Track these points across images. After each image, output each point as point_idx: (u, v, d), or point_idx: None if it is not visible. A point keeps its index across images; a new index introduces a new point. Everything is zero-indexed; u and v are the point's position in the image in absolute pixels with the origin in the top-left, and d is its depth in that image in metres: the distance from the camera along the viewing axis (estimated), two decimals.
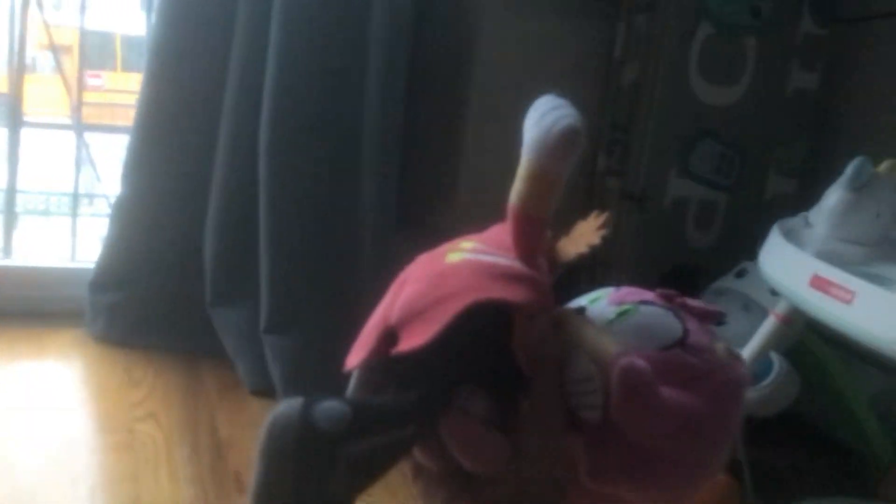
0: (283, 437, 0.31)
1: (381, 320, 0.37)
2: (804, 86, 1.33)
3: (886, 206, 0.85)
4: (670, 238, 1.30)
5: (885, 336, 0.60)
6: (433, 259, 0.39)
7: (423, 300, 0.35)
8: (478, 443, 0.34)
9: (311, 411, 0.32)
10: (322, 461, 0.32)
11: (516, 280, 0.35)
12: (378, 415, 0.34)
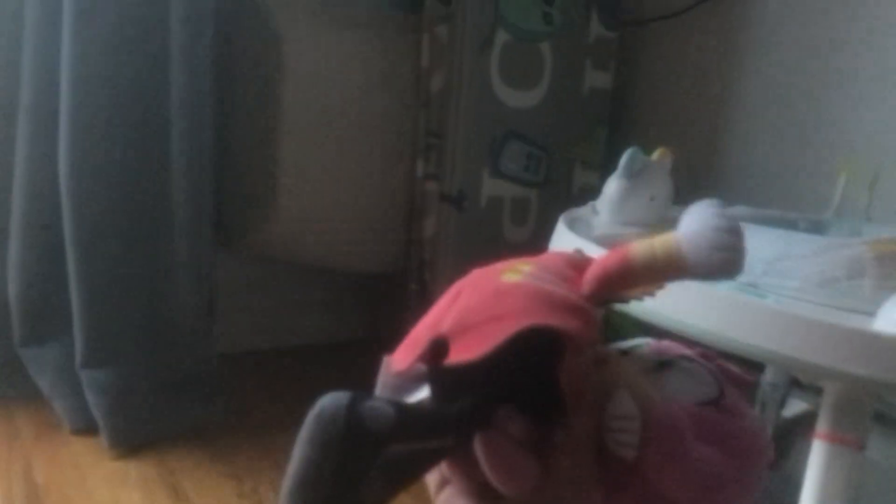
0: (331, 427, 0.31)
1: (432, 328, 0.36)
2: (599, 85, 1.43)
3: (659, 190, 0.94)
4: (490, 235, 1.36)
5: (638, 305, 0.67)
6: (489, 275, 0.38)
7: (477, 315, 0.35)
8: (510, 462, 0.34)
9: (358, 407, 0.31)
10: (362, 459, 0.31)
11: (571, 311, 0.35)
12: (420, 421, 0.34)
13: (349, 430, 0.31)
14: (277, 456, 1.18)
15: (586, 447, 0.35)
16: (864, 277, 0.66)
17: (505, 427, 0.34)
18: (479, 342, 0.33)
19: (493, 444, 0.33)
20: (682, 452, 0.34)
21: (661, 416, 0.34)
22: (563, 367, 0.34)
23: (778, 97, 1.27)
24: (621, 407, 0.35)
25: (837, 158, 1.13)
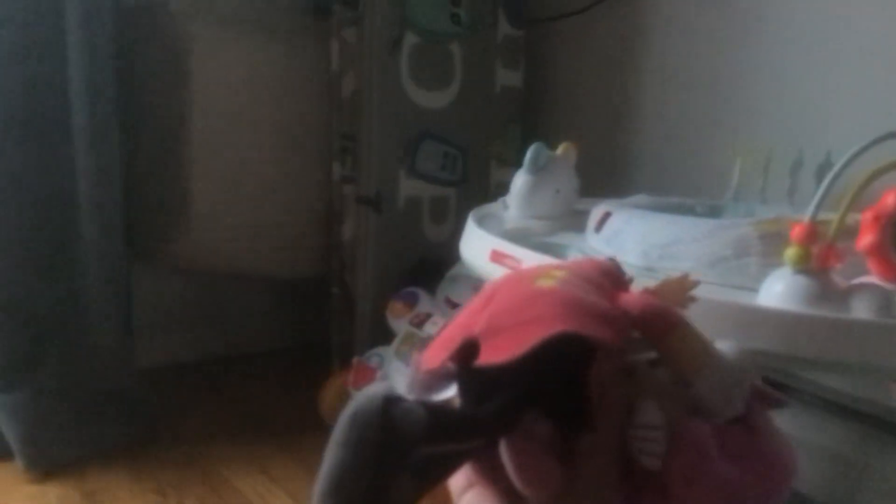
0: (366, 430, 0.30)
1: (464, 329, 0.36)
2: (510, 83, 1.46)
3: (564, 183, 0.97)
4: (410, 235, 1.38)
5: None
6: (522, 279, 0.38)
7: (509, 318, 0.35)
8: (534, 467, 0.34)
9: (391, 409, 0.31)
10: (395, 461, 0.31)
11: (602, 319, 0.35)
12: (451, 424, 0.34)
13: (383, 433, 0.31)
14: (204, 467, 1.17)
15: (610, 456, 0.35)
16: (751, 256, 0.70)
17: (531, 431, 0.34)
18: (510, 345, 0.33)
19: (519, 448, 0.34)
20: (705, 467, 0.35)
21: (687, 430, 0.35)
22: (592, 373, 0.34)
23: (676, 88, 1.33)
24: (647, 416, 0.35)
25: (733, 143, 1.18)
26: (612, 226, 0.81)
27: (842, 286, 0.60)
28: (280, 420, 1.34)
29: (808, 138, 1.07)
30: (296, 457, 1.21)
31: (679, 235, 0.74)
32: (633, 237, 0.77)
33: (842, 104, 1.10)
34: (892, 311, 0.58)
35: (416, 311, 1.25)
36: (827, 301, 0.58)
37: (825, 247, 0.60)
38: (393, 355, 1.22)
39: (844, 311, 0.59)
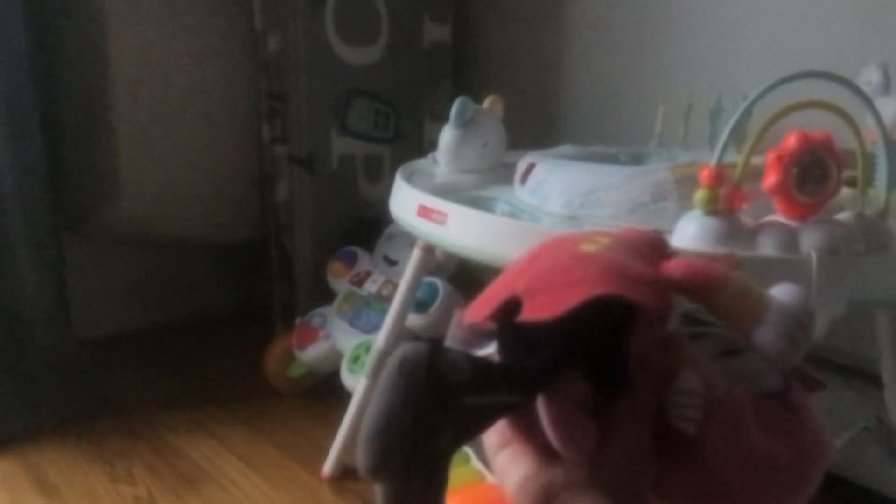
0: (413, 377, 0.31)
1: (507, 287, 0.36)
2: (438, 38, 1.46)
3: (491, 136, 0.98)
4: (345, 195, 1.38)
5: (472, 246, 0.71)
6: (567, 243, 0.39)
7: (553, 278, 0.35)
8: (570, 424, 0.34)
9: (438, 357, 0.32)
10: (439, 409, 0.32)
11: (645, 285, 0.35)
12: (494, 376, 0.34)
13: (430, 380, 0.31)
14: (150, 435, 1.18)
15: (646, 420, 0.36)
16: (668, 200, 0.73)
17: (568, 390, 0.35)
18: (552, 303, 0.33)
19: (556, 405, 0.34)
20: (740, 436, 0.35)
21: (724, 399, 0.35)
22: (632, 337, 0.35)
23: (602, 39, 1.34)
24: (687, 382, 0.35)
25: (656, 91, 1.20)
26: (536, 177, 0.83)
27: (749, 225, 0.63)
28: (226, 384, 1.35)
29: (727, 83, 1.10)
30: (243, 419, 1.22)
31: (599, 183, 0.76)
32: (556, 187, 0.79)
33: (759, 49, 1.13)
34: (795, 247, 0.62)
35: (356, 270, 1.26)
36: (734, 240, 0.61)
37: (732, 189, 0.62)
38: (334, 314, 1.23)
39: (751, 249, 0.62)
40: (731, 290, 0.36)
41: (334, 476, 1.07)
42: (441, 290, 1.10)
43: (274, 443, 1.16)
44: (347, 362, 1.13)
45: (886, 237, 0.66)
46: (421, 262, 0.96)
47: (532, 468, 0.36)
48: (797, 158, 0.61)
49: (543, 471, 0.36)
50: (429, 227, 0.76)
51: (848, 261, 0.61)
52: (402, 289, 0.98)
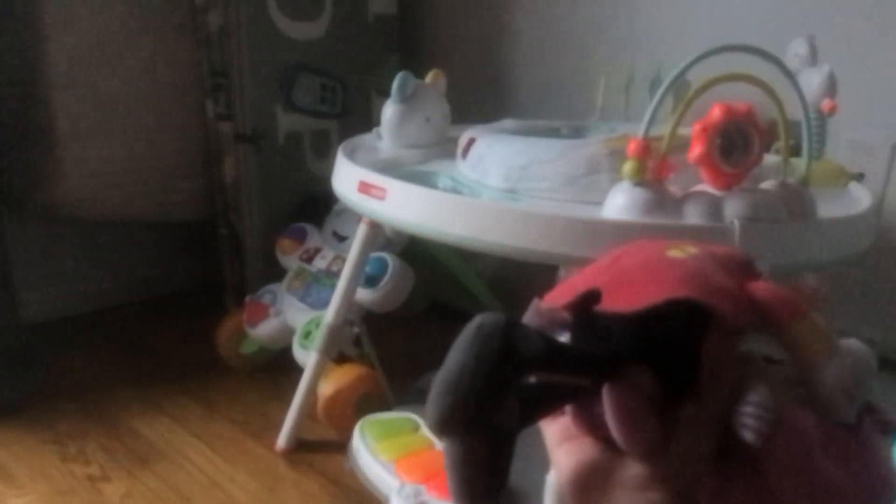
0: (489, 341, 0.31)
1: (588, 281, 0.36)
2: (384, 11, 1.46)
3: (434, 111, 0.99)
4: (293, 171, 1.38)
5: (411, 221, 0.73)
6: (653, 247, 0.39)
7: (637, 276, 0.36)
8: (634, 416, 0.34)
9: (513, 329, 0.32)
10: (508, 377, 0.32)
11: (727, 296, 0.35)
12: (565, 357, 0.35)
13: (503, 347, 0.32)
14: (103, 415, 1.17)
15: (710, 430, 0.35)
16: (601, 172, 0.75)
17: (636, 384, 0.35)
18: (633, 298, 0.34)
19: (622, 395, 0.34)
20: (806, 457, 0.34)
21: (793, 417, 0.35)
22: (707, 344, 0.35)
23: (544, 14, 1.35)
24: (759, 395, 0.35)
25: (598, 64, 1.22)
26: (476, 151, 0.84)
27: (675, 195, 0.66)
28: (178, 362, 1.35)
29: (667, 56, 1.12)
30: (196, 397, 1.23)
31: (536, 157, 0.78)
32: (496, 161, 0.81)
33: (697, 22, 1.16)
34: (719, 215, 0.64)
35: (305, 247, 1.26)
36: (662, 209, 0.64)
37: (659, 160, 0.65)
38: (285, 291, 1.23)
39: (678, 218, 0.64)
40: (808, 324, 0.37)
41: (288, 449, 1.08)
42: (391, 265, 1.11)
43: (228, 419, 1.17)
44: (299, 338, 1.14)
45: (807, 204, 0.69)
46: (367, 237, 0.97)
47: (590, 460, 0.36)
48: (721, 129, 0.63)
49: (601, 464, 0.36)
50: (369, 202, 0.77)
51: (769, 228, 0.64)
52: (350, 264, 0.99)
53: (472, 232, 0.68)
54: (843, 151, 0.97)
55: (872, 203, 0.81)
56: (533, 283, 1.25)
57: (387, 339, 1.17)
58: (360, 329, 1.05)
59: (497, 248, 0.67)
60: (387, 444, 0.92)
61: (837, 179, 0.88)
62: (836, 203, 0.79)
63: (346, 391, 1.07)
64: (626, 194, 0.65)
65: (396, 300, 1.12)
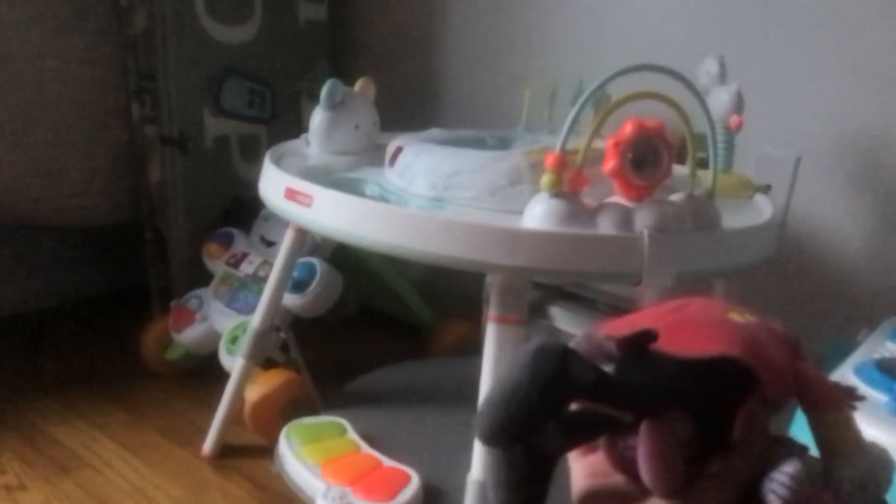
0: (546, 363, 0.34)
1: (647, 322, 0.39)
2: (315, 17, 1.46)
3: (363, 119, 1.01)
4: (221, 175, 1.37)
5: (337, 228, 0.74)
6: (715, 306, 0.42)
7: (696, 328, 0.38)
8: (666, 457, 0.36)
9: (570, 357, 0.35)
10: (558, 401, 0.35)
11: (776, 369, 0.38)
12: (613, 388, 0.36)
13: (558, 372, 0.34)
14: (20, 422, 1.14)
15: (734, 486, 0.37)
16: (523, 183, 0.78)
17: (673, 426, 0.37)
18: (688, 346, 0.37)
19: (658, 434, 0.36)
20: None
21: (821, 495, 0.37)
22: (747, 407, 0.37)
23: (473, 24, 1.38)
24: (795, 469, 0.37)
25: (524, 76, 1.26)
26: (403, 160, 0.86)
27: (590, 206, 0.69)
28: (101, 369, 1.32)
29: (589, 72, 1.16)
30: (120, 404, 1.21)
31: (461, 167, 0.80)
32: (422, 170, 0.83)
33: (617, 39, 1.21)
34: (630, 225, 0.68)
35: (232, 251, 1.26)
36: (577, 220, 0.67)
37: (575, 172, 0.68)
38: (211, 296, 1.23)
39: (592, 228, 0.68)
40: (843, 417, 0.40)
41: (214, 455, 1.08)
42: (319, 270, 1.12)
43: (152, 425, 1.16)
44: (225, 343, 1.13)
45: (712, 216, 0.73)
46: (294, 243, 0.97)
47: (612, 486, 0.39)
48: (632, 144, 0.67)
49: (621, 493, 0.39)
50: (296, 209, 0.78)
51: (676, 238, 0.68)
52: (276, 269, 1.00)
53: (399, 239, 0.70)
54: (751, 165, 1.03)
55: (775, 213, 0.86)
56: (461, 289, 1.29)
57: (316, 344, 1.18)
58: (288, 334, 1.05)
59: (423, 256, 0.69)
60: (313, 447, 0.92)
61: (744, 191, 0.93)
62: (741, 214, 0.84)
63: (272, 396, 1.07)
64: (544, 205, 0.68)
65: (324, 305, 1.12)
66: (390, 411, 1.05)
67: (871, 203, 1.00)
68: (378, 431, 0.95)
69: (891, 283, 0.98)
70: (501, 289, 0.71)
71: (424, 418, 1.02)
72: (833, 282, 1.03)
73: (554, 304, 1.27)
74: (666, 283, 0.67)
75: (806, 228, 1.05)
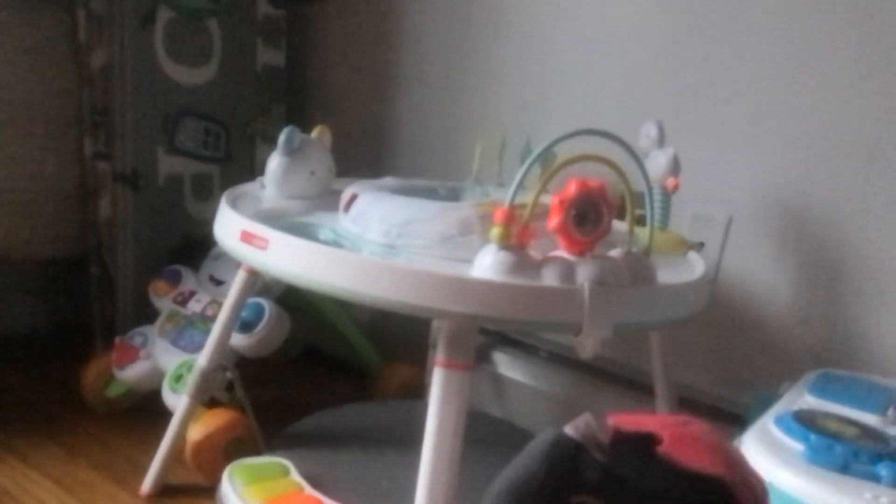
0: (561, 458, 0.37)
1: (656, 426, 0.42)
2: (272, 62, 1.49)
3: (319, 165, 1.04)
4: (171, 213, 1.37)
5: (292, 272, 0.76)
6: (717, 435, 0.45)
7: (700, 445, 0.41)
8: None
9: (582, 453, 0.38)
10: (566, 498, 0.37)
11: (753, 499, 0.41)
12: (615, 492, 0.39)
13: (571, 468, 0.38)
14: None
15: None
16: (473, 234, 0.82)
17: None
18: (687, 457, 0.40)
19: None
20: None
21: None
22: None
23: (428, 79, 1.44)
24: None
25: (475, 130, 1.31)
26: (358, 207, 0.89)
27: (536, 258, 0.73)
28: (38, 405, 1.29)
29: (536, 129, 1.22)
30: (58, 441, 1.18)
31: (414, 216, 0.84)
32: (376, 217, 0.86)
33: (562, 104, 1.27)
34: (572, 278, 0.72)
35: (180, 289, 1.26)
36: (523, 271, 0.71)
37: (522, 227, 0.72)
38: (157, 334, 1.22)
39: (537, 280, 0.71)
40: None
41: (153, 494, 1.06)
42: (267, 311, 1.13)
43: (90, 463, 1.14)
44: (170, 381, 1.13)
45: (649, 271, 0.78)
46: (245, 283, 0.99)
47: None
48: (575, 203, 0.71)
49: None
50: (251, 252, 0.80)
51: (615, 291, 0.72)
52: (226, 308, 1.01)
53: (352, 284, 0.73)
54: (686, 223, 1.09)
55: (707, 270, 0.92)
56: (406, 333, 1.33)
57: (258, 384, 1.18)
58: (234, 374, 1.06)
59: (375, 301, 0.72)
60: (256, 488, 0.93)
61: (679, 248, 0.99)
62: (676, 269, 0.89)
63: (215, 435, 1.07)
64: (492, 256, 0.71)
65: (271, 346, 1.13)
66: (334, 452, 1.05)
67: (796, 262, 1.06)
68: (321, 472, 0.96)
69: (813, 338, 1.04)
70: (449, 335, 0.74)
71: (368, 460, 1.03)
72: (760, 336, 1.09)
73: (497, 350, 1.31)
74: (605, 333, 0.71)
75: (736, 284, 1.11)
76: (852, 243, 1.01)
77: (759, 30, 1.06)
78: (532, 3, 1.29)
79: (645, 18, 1.17)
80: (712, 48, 1.10)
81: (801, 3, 1.02)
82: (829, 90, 1.01)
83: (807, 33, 1.02)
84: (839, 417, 0.68)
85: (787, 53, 1.04)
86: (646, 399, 1.07)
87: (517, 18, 1.32)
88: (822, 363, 0.95)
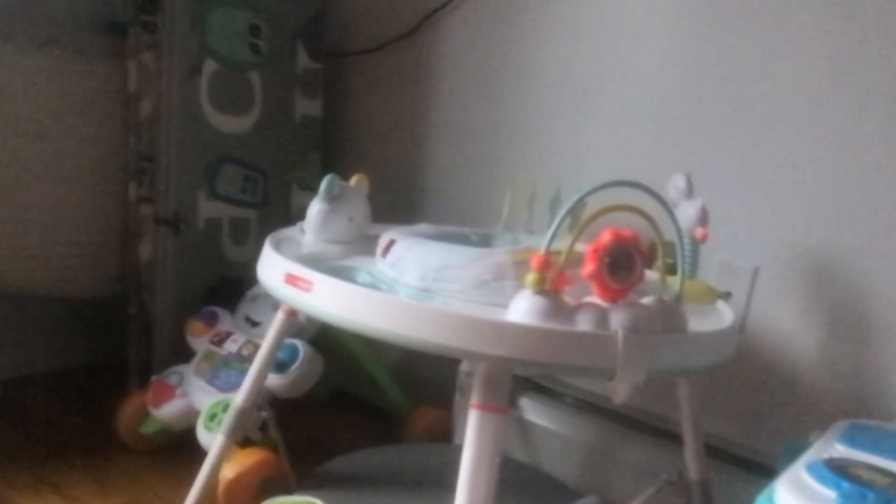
0: None
1: None
2: (309, 112, 1.55)
3: (357, 211, 1.07)
4: (210, 256, 1.42)
5: (335, 313, 0.79)
6: None
7: None
8: None
9: None
10: None
11: None
12: None
13: None
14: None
15: None
16: (507, 279, 0.84)
17: None
18: None
19: None
20: None
21: None
22: None
23: (460, 126, 1.48)
24: None
25: (505, 180, 1.35)
26: (395, 252, 0.92)
27: (570, 304, 0.75)
28: (76, 441, 1.32)
29: (565, 179, 1.25)
30: (92, 476, 1.21)
31: (449, 261, 0.87)
32: (413, 262, 0.89)
33: (591, 154, 1.30)
34: (606, 324, 0.74)
35: (216, 330, 1.29)
36: (557, 317, 0.73)
37: (557, 273, 0.75)
38: (192, 373, 1.25)
39: (571, 325, 0.74)
40: None
41: None
42: (301, 352, 1.16)
43: (122, 499, 1.16)
44: (204, 420, 1.16)
45: (680, 319, 0.80)
46: (284, 324, 1.02)
47: None
48: (609, 251, 0.74)
49: None
50: (294, 293, 0.83)
51: (647, 338, 0.74)
52: (264, 349, 1.04)
53: (393, 326, 0.75)
54: (713, 273, 1.11)
55: (735, 319, 0.93)
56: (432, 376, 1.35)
57: (287, 424, 1.20)
58: (269, 413, 1.08)
59: (414, 343, 0.74)
60: None
61: (708, 297, 1.01)
62: (706, 318, 0.91)
63: (247, 474, 1.09)
64: (527, 301, 0.74)
65: (304, 386, 1.16)
66: (364, 493, 1.07)
67: (822, 312, 1.08)
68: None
69: (840, 387, 1.05)
70: (484, 377, 0.76)
71: (398, 501, 1.04)
72: (787, 385, 1.10)
73: (524, 396, 1.33)
74: (638, 379, 0.73)
75: (763, 334, 1.13)
76: (880, 293, 1.02)
77: (787, 83, 1.09)
78: (561, 54, 1.34)
79: (675, 70, 1.21)
80: (740, 101, 1.14)
81: (831, 58, 1.05)
82: (857, 143, 1.03)
83: (835, 88, 1.05)
84: (870, 466, 0.69)
85: (815, 106, 1.07)
86: (672, 447, 1.07)
87: (546, 71, 1.36)
88: (850, 413, 0.96)
